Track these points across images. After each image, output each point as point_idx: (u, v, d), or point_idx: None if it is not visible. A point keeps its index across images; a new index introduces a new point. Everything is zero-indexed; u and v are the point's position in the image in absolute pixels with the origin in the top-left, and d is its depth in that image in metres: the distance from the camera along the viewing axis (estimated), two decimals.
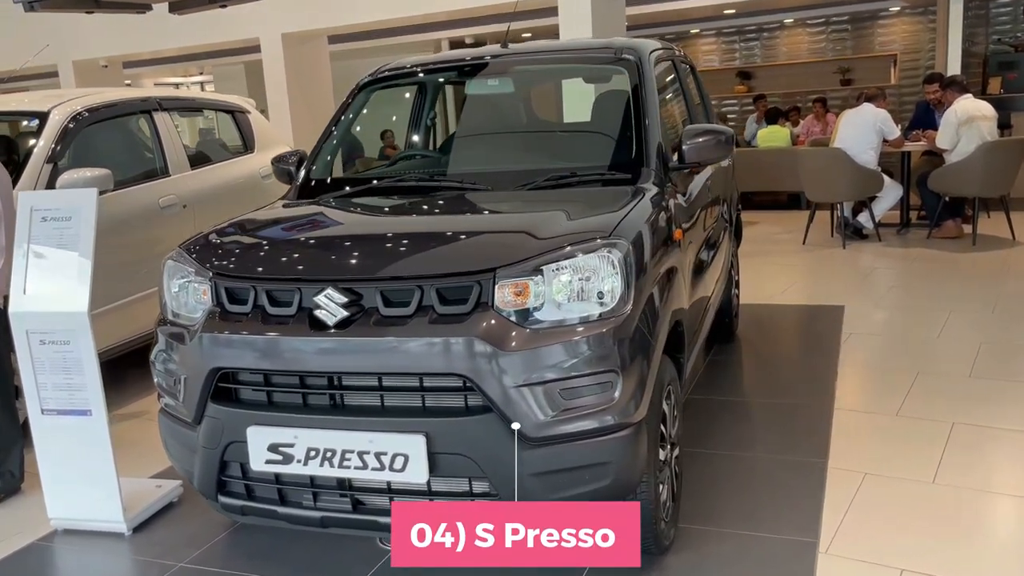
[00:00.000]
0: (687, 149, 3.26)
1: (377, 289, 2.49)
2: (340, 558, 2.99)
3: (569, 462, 2.44)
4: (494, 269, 2.44)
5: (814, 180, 8.18)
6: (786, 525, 3.02)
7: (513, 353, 2.37)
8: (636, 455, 2.50)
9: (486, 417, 2.40)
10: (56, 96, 5.03)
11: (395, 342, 2.42)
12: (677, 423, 3.02)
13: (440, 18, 10.70)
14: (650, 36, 14.60)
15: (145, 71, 16.88)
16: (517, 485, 2.40)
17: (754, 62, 14.45)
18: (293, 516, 2.65)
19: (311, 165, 3.62)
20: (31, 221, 3.20)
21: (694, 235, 3.58)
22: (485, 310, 2.42)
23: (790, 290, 6.56)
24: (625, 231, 2.62)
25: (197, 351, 2.64)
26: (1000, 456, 3.48)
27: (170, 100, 5.57)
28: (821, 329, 5.40)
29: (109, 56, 12.18)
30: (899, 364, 4.67)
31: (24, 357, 3.21)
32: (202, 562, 3.05)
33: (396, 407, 2.48)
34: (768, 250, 8.22)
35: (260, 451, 2.56)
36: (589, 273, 2.49)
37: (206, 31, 10.70)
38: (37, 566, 3.15)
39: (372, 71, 3.84)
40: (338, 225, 2.95)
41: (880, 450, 3.60)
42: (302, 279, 2.57)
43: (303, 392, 2.56)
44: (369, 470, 2.47)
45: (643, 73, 3.45)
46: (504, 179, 3.23)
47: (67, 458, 3.26)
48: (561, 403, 2.41)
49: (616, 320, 2.46)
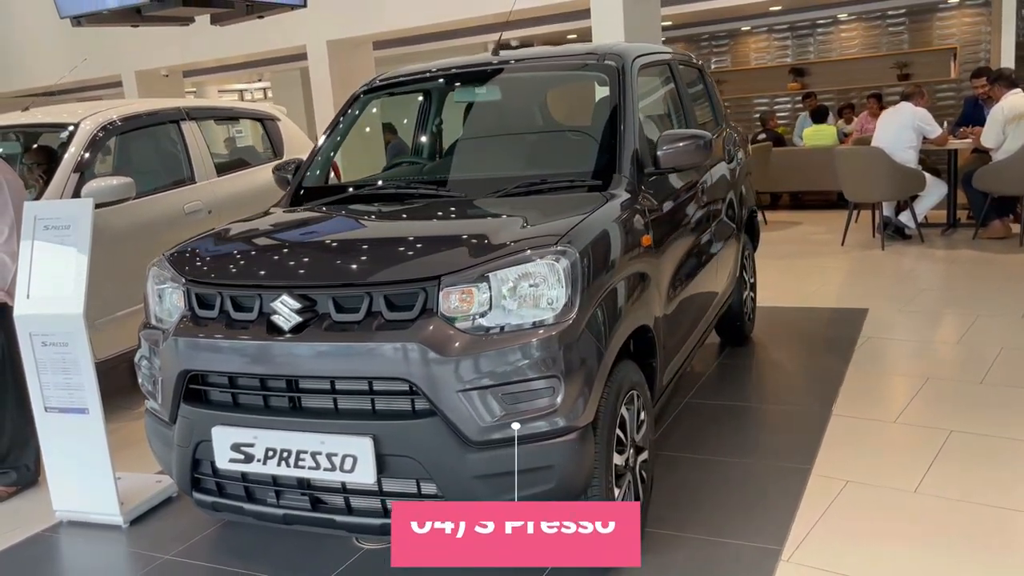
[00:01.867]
0: (662, 155, 3.27)
1: (329, 295, 2.58)
2: (317, 556, 3.09)
3: (512, 465, 2.48)
4: (439, 276, 2.51)
5: (852, 180, 8.01)
6: (754, 532, 3.01)
7: (455, 358, 2.43)
8: (581, 459, 2.54)
9: (431, 420, 2.47)
10: (90, 108, 5.28)
11: (344, 347, 2.51)
12: (645, 428, 3.03)
13: (483, 22, 10.81)
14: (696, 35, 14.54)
15: (210, 78, 17.42)
16: (462, 486, 2.47)
17: (807, 58, 14.15)
18: (258, 513, 2.77)
19: (304, 173, 3.75)
20: (35, 229, 3.39)
21: (679, 240, 3.58)
22: (430, 316, 2.49)
23: (817, 292, 6.45)
24: (576, 238, 2.65)
25: (169, 354, 2.78)
26: (991, 466, 3.39)
27: (197, 109, 5.78)
28: (839, 333, 5.31)
29: (169, 65, 12.64)
30: (910, 369, 4.57)
31: (28, 358, 3.41)
32: (187, 555, 3.19)
33: (348, 410, 2.57)
34: (805, 251, 8.09)
35: (224, 450, 2.68)
36: (535, 280, 2.53)
37: (255, 40, 11.02)
38: (38, 555, 3.34)
39: (366, 81, 3.95)
40: (304, 232, 3.05)
41: (869, 457, 3.54)
42: (262, 285, 2.68)
43: (263, 394, 2.66)
44: (322, 470, 2.56)
45: (623, 80, 3.46)
46: (479, 186, 3.30)
47: (68, 454, 3.45)
48: (503, 407, 2.46)
49: (559, 327, 2.49)
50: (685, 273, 3.65)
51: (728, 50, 14.79)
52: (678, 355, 3.60)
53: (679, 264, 3.55)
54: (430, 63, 3.88)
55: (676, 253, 3.52)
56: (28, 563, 3.27)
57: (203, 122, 5.80)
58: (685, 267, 3.65)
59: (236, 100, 19.44)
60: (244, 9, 7.25)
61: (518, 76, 3.76)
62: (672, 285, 3.44)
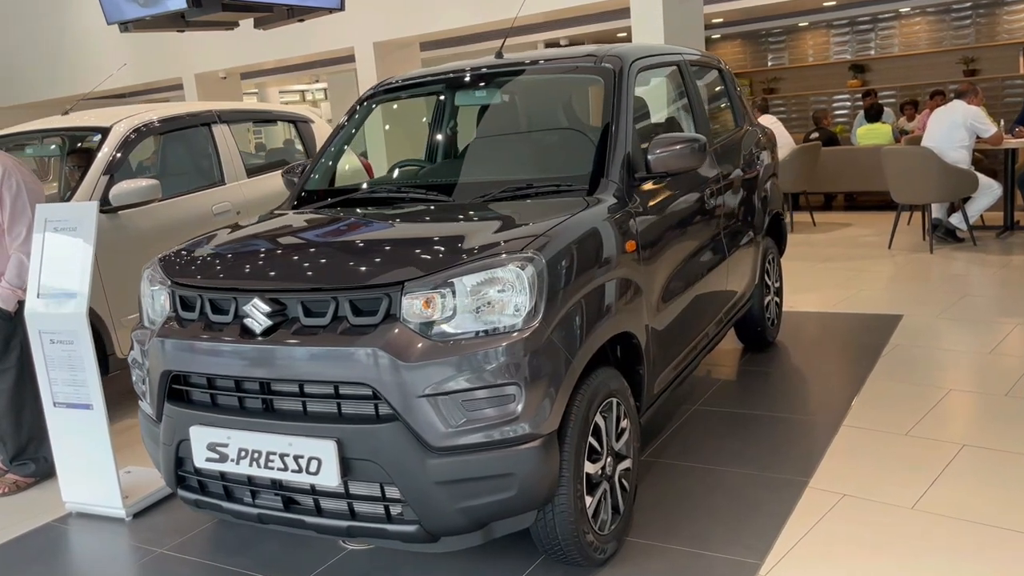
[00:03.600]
0: (653, 159, 3.23)
1: (298, 300, 2.62)
2: (302, 554, 3.14)
3: (473, 472, 2.48)
4: (402, 282, 2.52)
5: (900, 180, 7.75)
6: (736, 545, 2.95)
7: (415, 364, 2.44)
8: (543, 468, 2.52)
9: (393, 425, 2.48)
10: (125, 111, 5.46)
11: (309, 351, 2.54)
12: (628, 436, 2.99)
13: (529, 21, 10.80)
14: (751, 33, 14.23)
15: (269, 80, 17.82)
16: (423, 492, 2.49)
17: (868, 54, 13.75)
18: (236, 511, 2.82)
19: (307, 176, 3.81)
20: (45, 231, 3.52)
21: (676, 245, 3.52)
22: (393, 322, 2.51)
23: (854, 297, 6.26)
24: (545, 245, 2.63)
25: (153, 354, 2.86)
26: (1000, 483, 3.24)
27: (229, 112, 5.92)
28: (866, 340, 5.15)
29: (227, 68, 12.97)
30: (933, 380, 4.40)
31: (38, 354, 3.54)
32: (180, 550, 3.28)
33: (314, 413, 2.60)
34: (849, 254, 7.86)
35: (201, 449, 2.74)
36: (500, 287, 2.52)
37: (305, 42, 11.24)
38: (44, 545, 3.46)
39: (372, 86, 3.99)
40: (283, 237, 3.09)
41: (871, 471, 3.43)
42: (237, 289, 2.73)
43: (237, 395, 2.72)
44: (289, 472, 2.60)
45: (619, 83, 3.42)
46: (467, 191, 3.30)
47: (75, 448, 3.57)
48: (464, 414, 2.45)
49: (522, 334, 2.48)
50: (684, 278, 3.59)
51: (785, 47, 14.49)
52: (675, 362, 3.54)
53: (676, 269, 3.49)
54: (434, 67, 3.90)
55: (672, 258, 3.46)
56: (34, 552, 3.40)
57: (235, 125, 5.93)
58: (684, 272, 3.58)
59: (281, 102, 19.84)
60: (284, 13, 7.38)
61: (516, 80, 3.74)
62: (666, 291, 3.38)
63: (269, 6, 7.09)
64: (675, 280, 3.48)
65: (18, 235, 3.72)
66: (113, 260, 4.72)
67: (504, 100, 3.68)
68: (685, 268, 3.60)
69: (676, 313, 3.50)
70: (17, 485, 3.96)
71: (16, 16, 14.85)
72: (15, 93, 15.16)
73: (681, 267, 3.56)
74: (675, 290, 3.49)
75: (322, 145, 3.91)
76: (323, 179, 3.81)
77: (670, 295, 3.42)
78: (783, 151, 9.13)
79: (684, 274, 3.59)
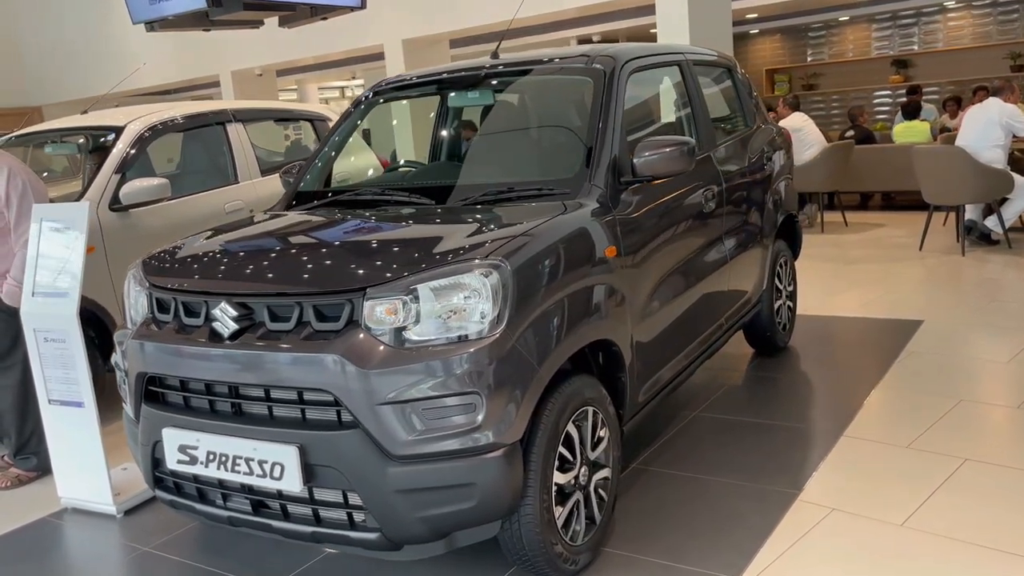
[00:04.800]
0: (638, 163, 3.16)
1: (264, 304, 2.61)
2: (281, 556, 3.14)
3: (433, 481, 2.45)
4: (364, 288, 2.50)
5: (931, 180, 7.53)
6: (714, 559, 2.88)
7: (375, 371, 2.42)
8: (505, 478, 2.47)
9: (354, 432, 2.46)
10: (139, 111, 5.53)
11: (271, 356, 2.53)
12: (605, 445, 2.94)
13: (559, 17, 10.71)
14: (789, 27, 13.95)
15: (308, 76, 17.99)
16: (384, 500, 2.46)
17: (911, 49, 13.40)
18: (208, 513, 2.83)
19: (301, 177, 3.81)
20: (40, 230, 3.58)
21: (666, 250, 3.45)
22: (355, 328, 2.49)
23: (876, 301, 6.10)
24: (513, 251, 2.59)
25: (131, 355, 2.88)
26: (998, 500, 3.12)
27: (244, 112, 5.96)
28: (883, 346, 5.00)
29: (262, 65, 13.12)
30: (944, 389, 4.26)
31: (33, 352, 3.60)
32: (164, 549, 3.31)
33: (278, 418, 2.59)
34: (878, 255, 7.67)
35: (173, 451, 2.75)
36: (464, 293, 2.49)
37: (335, 40, 11.30)
38: (37, 539, 3.52)
39: (368, 88, 3.97)
40: (257, 240, 3.08)
41: (865, 484, 3.33)
42: (208, 292, 2.73)
43: (208, 398, 2.72)
44: (255, 476, 2.60)
45: (609, 84, 3.35)
46: (452, 194, 3.26)
47: (69, 444, 3.62)
48: (424, 422, 2.42)
49: (483, 342, 2.44)
50: (676, 283, 3.51)
51: (825, 42, 14.18)
52: (665, 369, 3.47)
53: (666, 274, 3.42)
54: (429, 68, 3.87)
55: (661, 263, 3.39)
56: (26, 546, 3.46)
57: (250, 124, 5.97)
58: (676, 277, 3.51)
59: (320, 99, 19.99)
60: (307, 11, 7.41)
61: (508, 81, 3.69)
62: (654, 296, 3.31)
63: (292, 5, 7.13)
64: (665, 285, 3.41)
65: (22, 234, 3.78)
66: (123, 257, 4.77)
67: (495, 102, 3.63)
68: (677, 273, 3.52)
69: (666, 319, 3.43)
70: (19, 479, 4.04)
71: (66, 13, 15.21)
72: (67, 90, 15.55)
73: (672, 272, 3.48)
74: (665, 295, 3.41)
75: (316, 147, 3.90)
76: (315, 180, 3.81)
77: (659, 301, 3.35)
78: (814, 150, 8.96)
79: (675, 279, 3.51)
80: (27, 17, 16.38)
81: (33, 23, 16.27)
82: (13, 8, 16.54)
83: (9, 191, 3.82)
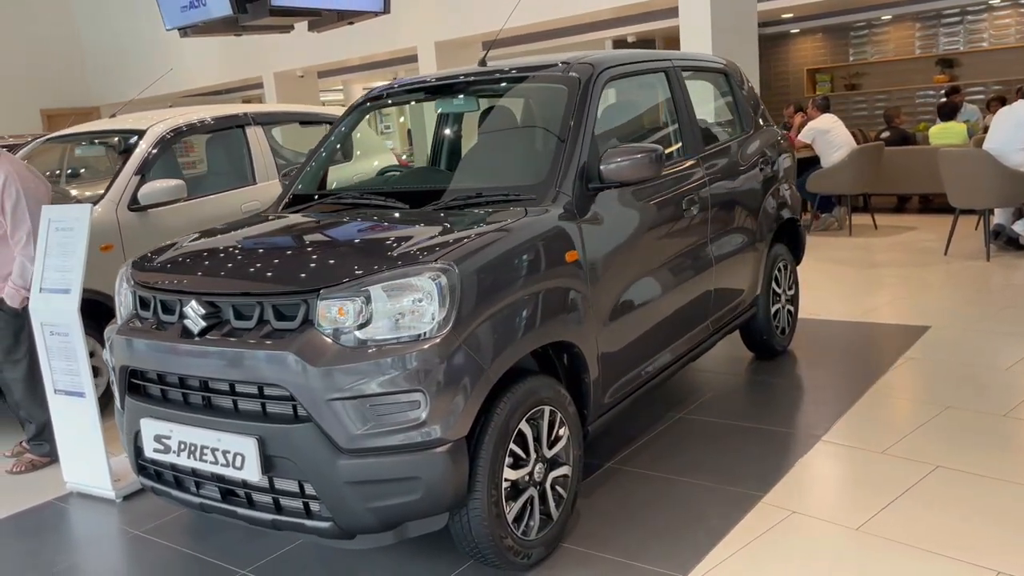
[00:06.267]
0: (604, 169, 3.24)
1: (230, 303, 2.77)
2: (258, 544, 3.29)
3: (380, 474, 2.57)
4: (318, 289, 2.63)
5: (956, 184, 7.41)
6: (666, 557, 2.94)
7: (325, 369, 2.55)
8: (449, 472, 2.58)
9: (307, 426, 2.60)
10: (163, 115, 5.77)
11: (233, 352, 2.68)
12: (565, 444, 3.02)
13: (593, 18, 10.76)
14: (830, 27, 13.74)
15: (355, 77, 18.32)
16: (335, 491, 2.59)
17: (956, 48, 13.11)
18: (183, 500, 3.00)
19: (296, 179, 3.97)
20: (48, 230, 3.80)
21: (639, 255, 3.52)
22: (308, 327, 2.62)
23: (887, 305, 6.05)
24: (465, 255, 2.69)
25: (115, 349, 3.06)
26: (959, 507, 3.12)
27: (263, 115, 6.17)
28: (882, 351, 4.98)
29: (304, 67, 13.43)
30: (933, 396, 4.24)
31: (40, 344, 3.82)
32: (153, 533, 3.49)
33: (243, 411, 2.74)
34: (900, 260, 7.58)
35: (149, 440, 2.93)
36: (414, 296, 2.60)
37: (371, 42, 11.53)
38: (40, 520, 3.74)
39: (363, 94, 4.12)
40: (233, 242, 3.23)
41: (830, 489, 3.36)
42: (182, 291, 2.90)
43: (182, 391, 2.88)
44: (219, 465, 2.75)
45: (583, 92, 3.43)
46: (423, 198, 3.37)
47: (72, 432, 3.84)
48: (371, 418, 2.55)
49: (428, 342, 2.55)
50: (648, 287, 3.57)
51: (867, 41, 13.95)
52: (636, 371, 3.53)
53: (636, 278, 3.48)
54: (418, 76, 4.00)
55: (631, 268, 3.45)
56: (31, 525, 3.68)
57: (269, 126, 6.18)
58: (648, 281, 3.57)
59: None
60: (334, 16, 7.61)
61: (489, 88, 3.79)
62: (622, 300, 3.38)
63: (317, 10, 7.33)
64: (635, 288, 3.48)
65: (19, 240, 3.99)
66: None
67: (476, 109, 3.74)
68: (650, 276, 3.58)
69: (637, 322, 3.49)
70: (33, 464, 4.28)
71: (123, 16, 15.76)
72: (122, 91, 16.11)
73: (644, 275, 3.54)
74: (636, 299, 3.48)
75: (310, 151, 4.06)
76: (307, 184, 3.96)
77: (628, 304, 3.42)
78: (842, 152, 8.87)
79: (648, 282, 3.57)
80: (89, 20, 17.02)
81: (95, 26, 16.90)
82: (77, 11, 17.20)
83: (4, 199, 3.99)
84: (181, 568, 3.21)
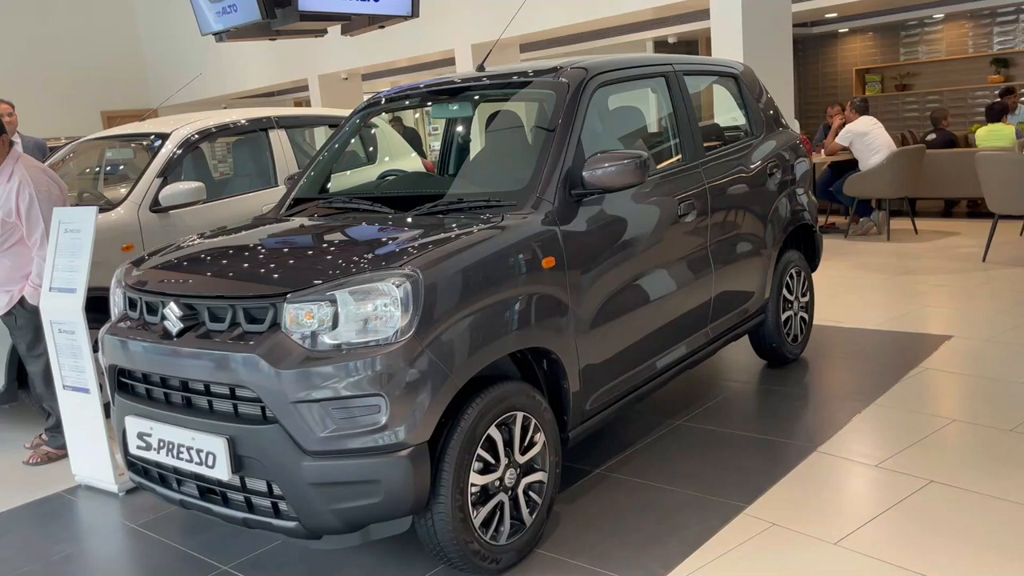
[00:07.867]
0: (587, 176, 3.23)
1: (205, 306, 2.84)
2: (242, 541, 3.36)
3: (343, 476, 2.61)
4: (285, 293, 2.68)
5: (994, 188, 7.19)
6: (638, 567, 2.93)
7: (289, 372, 2.59)
8: (410, 476, 2.61)
9: (274, 427, 2.65)
10: (189, 118, 5.92)
11: (204, 353, 2.75)
12: (540, 449, 3.03)
13: (631, 20, 10.69)
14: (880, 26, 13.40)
15: (399, 79, 18.49)
16: (299, 492, 2.64)
17: (1012, 47, 12.68)
18: (165, 495, 3.08)
19: (296, 183, 4.05)
20: (58, 231, 3.94)
21: (629, 262, 3.50)
22: (276, 331, 2.68)
23: (911, 313, 5.90)
24: (431, 262, 2.72)
25: (105, 349, 3.17)
26: (944, 525, 3.03)
27: (286, 119, 6.29)
28: (897, 361, 4.86)
29: (348, 69, 13.62)
30: (941, 408, 4.12)
31: (50, 342, 3.96)
32: (147, 527, 3.60)
33: (216, 411, 2.81)
34: (936, 267, 7.37)
35: (133, 437, 3.03)
36: (379, 301, 2.63)
37: (410, 45, 11.64)
38: (48, 510, 3.88)
39: (366, 100, 4.18)
40: (217, 246, 3.31)
41: (817, 501, 3.29)
42: (164, 293, 2.98)
43: (161, 391, 2.97)
44: (193, 464, 2.83)
45: (572, 98, 3.43)
46: (410, 203, 3.40)
47: (79, 426, 3.97)
48: (333, 421, 2.59)
49: (390, 348, 2.58)
50: (637, 294, 3.55)
51: (919, 40, 13.58)
52: (624, 378, 3.52)
53: (623, 284, 3.46)
54: (416, 82, 4.04)
55: (617, 274, 3.43)
56: (38, 515, 3.83)
57: (292, 129, 6.29)
58: (636, 287, 3.54)
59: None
60: (365, 20, 7.71)
61: (481, 94, 3.81)
62: (608, 306, 3.37)
63: (346, 15, 7.43)
64: (622, 295, 3.46)
65: (35, 242, 4.14)
66: None
67: (468, 115, 3.76)
68: (638, 283, 3.56)
69: (623, 329, 3.47)
70: (48, 456, 4.44)
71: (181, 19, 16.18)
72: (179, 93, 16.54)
73: (632, 282, 3.52)
74: (623, 305, 3.46)
75: (313, 155, 4.13)
76: (307, 188, 4.03)
77: (613, 311, 3.40)
78: (881, 155, 8.66)
79: (636, 289, 3.55)
80: (150, 22, 17.49)
81: (156, 28, 17.36)
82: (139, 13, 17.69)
83: (19, 203, 4.13)
84: (167, 562, 3.30)
